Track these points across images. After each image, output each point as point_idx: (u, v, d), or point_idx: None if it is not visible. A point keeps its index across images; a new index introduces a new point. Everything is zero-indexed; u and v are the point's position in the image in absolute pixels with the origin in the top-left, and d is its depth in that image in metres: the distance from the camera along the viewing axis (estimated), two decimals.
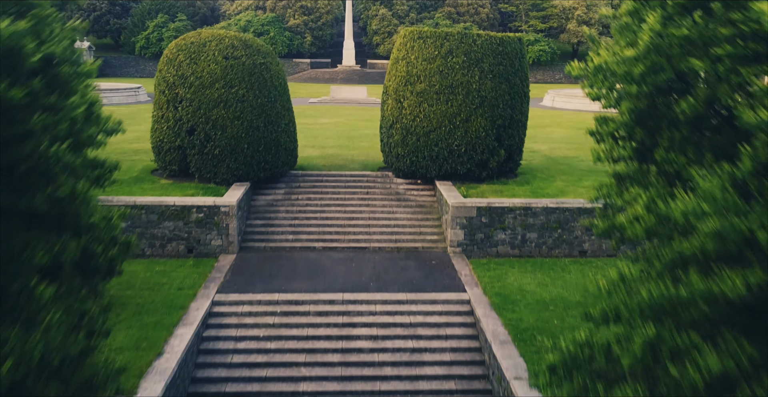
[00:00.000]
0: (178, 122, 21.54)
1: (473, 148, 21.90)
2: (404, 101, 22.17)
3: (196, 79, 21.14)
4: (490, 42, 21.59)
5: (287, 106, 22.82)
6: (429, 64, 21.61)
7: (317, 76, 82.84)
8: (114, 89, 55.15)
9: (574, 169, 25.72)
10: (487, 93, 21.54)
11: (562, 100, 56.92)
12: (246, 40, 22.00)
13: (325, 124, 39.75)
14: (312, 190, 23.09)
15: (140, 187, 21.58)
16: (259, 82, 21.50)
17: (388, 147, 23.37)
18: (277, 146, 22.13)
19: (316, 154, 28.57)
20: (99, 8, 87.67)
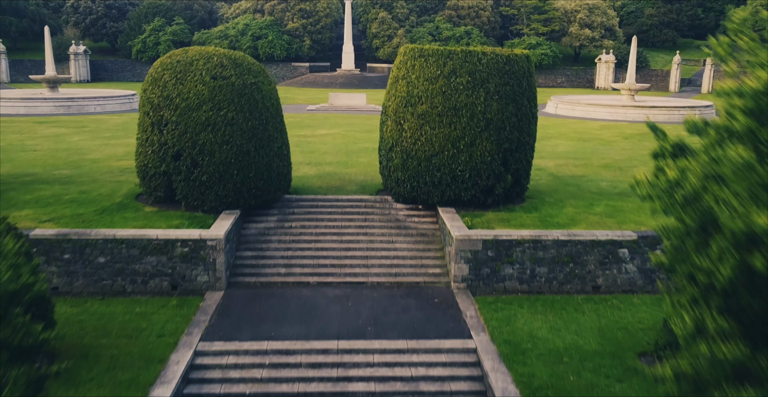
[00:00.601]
0: (163, 146, 20.05)
1: (478, 174, 20.42)
2: (404, 123, 20.69)
3: (182, 101, 19.65)
4: (496, 61, 20.10)
5: (280, 127, 21.34)
6: (431, 84, 20.13)
7: (316, 81, 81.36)
8: (107, 97, 53.65)
9: (584, 192, 24.23)
10: (493, 115, 20.06)
11: (566, 107, 55.45)
12: (236, 59, 20.51)
13: (323, 136, 38.28)
14: (307, 217, 21.61)
15: (122, 216, 20.10)
16: (249, 104, 20.01)
17: (387, 171, 21.89)
18: (269, 171, 20.65)
19: (312, 173, 27.11)
20: (95, 11, 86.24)
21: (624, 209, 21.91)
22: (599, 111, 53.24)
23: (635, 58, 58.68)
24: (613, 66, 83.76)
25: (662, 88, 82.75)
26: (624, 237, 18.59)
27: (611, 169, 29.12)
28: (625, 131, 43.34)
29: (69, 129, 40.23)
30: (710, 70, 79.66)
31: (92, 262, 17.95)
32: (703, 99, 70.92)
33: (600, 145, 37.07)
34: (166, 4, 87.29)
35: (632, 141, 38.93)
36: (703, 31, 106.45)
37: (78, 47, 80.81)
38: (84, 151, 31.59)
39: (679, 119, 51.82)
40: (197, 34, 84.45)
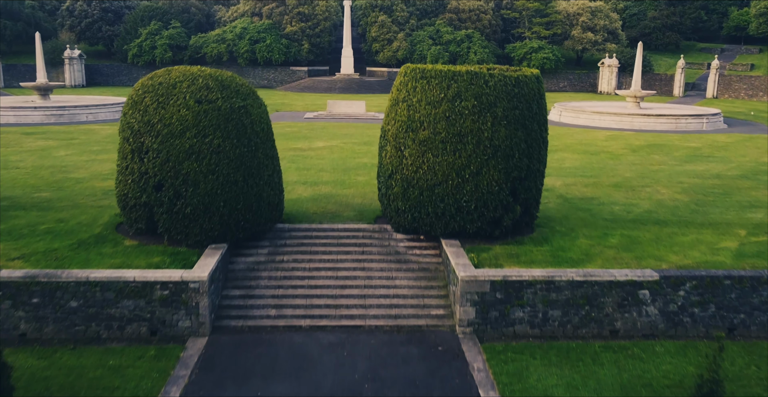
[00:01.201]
0: (144, 176, 18.41)
1: (485, 205, 18.77)
2: (405, 150, 19.03)
3: (164, 127, 18.00)
4: (505, 83, 18.44)
5: (271, 153, 19.67)
6: (434, 108, 18.47)
7: (315, 85, 79.70)
8: (100, 105, 51.98)
9: (596, 218, 22.58)
10: (501, 142, 18.40)
11: (570, 115, 53.79)
12: (223, 80, 18.85)
13: (320, 149, 36.63)
14: (300, 249, 19.96)
15: (99, 251, 18.44)
16: (237, 130, 18.36)
17: (386, 199, 20.24)
18: (258, 202, 19.00)
19: (307, 195, 25.47)
20: (91, 15, 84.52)
21: (641, 239, 20.26)
22: (605, 119, 51.58)
23: (641, 64, 57.02)
24: (616, 70, 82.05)
25: (666, 93, 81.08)
26: (644, 277, 16.95)
27: (623, 189, 27.47)
28: (632, 143, 41.68)
29: (57, 141, 38.58)
30: (715, 74, 77.96)
31: (63, 306, 16.31)
32: (708, 104, 69.28)
33: (608, 159, 35.42)
34: (163, 8, 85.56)
35: (641, 154, 37.28)
36: (706, 33, 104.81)
37: (73, 51, 79.11)
38: (69, 169, 29.94)
39: (686, 128, 50.23)
40: (194, 38, 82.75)
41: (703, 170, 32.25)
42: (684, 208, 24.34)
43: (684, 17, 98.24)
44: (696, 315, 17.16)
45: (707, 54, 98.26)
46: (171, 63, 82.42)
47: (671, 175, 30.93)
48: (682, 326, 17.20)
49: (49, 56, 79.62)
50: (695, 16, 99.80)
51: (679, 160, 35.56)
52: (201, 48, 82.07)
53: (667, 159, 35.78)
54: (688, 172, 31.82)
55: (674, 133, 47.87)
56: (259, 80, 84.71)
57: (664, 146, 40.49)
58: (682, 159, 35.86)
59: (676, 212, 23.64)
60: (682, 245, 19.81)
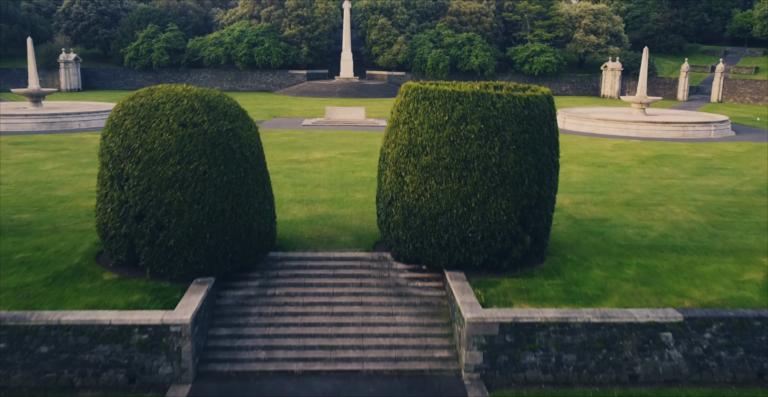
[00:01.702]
0: (124, 205, 16.95)
1: (492, 236, 17.31)
2: (406, 176, 17.57)
3: (146, 153, 16.54)
4: (514, 104, 16.96)
5: (262, 179, 18.19)
6: (437, 132, 17.00)
7: (314, 89, 78.25)
8: (92, 112, 50.49)
9: (610, 244, 21.11)
10: (510, 168, 16.94)
11: (574, 121, 52.33)
12: (209, 101, 17.37)
13: (318, 161, 35.17)
14: (293, 281, 18.50)
15: (75, 287, 16.97)
16: (224, 155, 16.89)
17: (386, 226, 18.78)
18: (248, 232, 17.54)
19: (302, 216, 24.02)
20: (87, 17, 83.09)
21: (659, 270, 18.79)
22: (610, 127, 50.12)
23: (647, 69, 55.51)
24: (619, 74, 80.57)
25: (670, 97, 79.60)
26: (667, 318, 15.48)
27: (634, 208, 26.01)
28: (640, 153, 40.21)
29: (45, 153, 37.13)
30: (720, 78, 76.47)
31: (33, 352, 14.86)
32: (713, 109, 67.80)
33: (616, 172, 33.95)
34: (160, 10, 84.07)
35: (650, 166, 35.81)
36: (709, 36, 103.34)
37: (68, 55, 77.63)
38: (54, 185, 28.47)
39: (693, 136, 48.77)
40: (191, 41, 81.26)
41: (716, 185, 30.78)
42: (701, 231, 22.87)
43: (687, 19, 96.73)
44: (723, 359, 15.71)
45: (711, 56, 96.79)
46: (168, 67, 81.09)
47: (684, 191, 29.45)
48: (707, 371, 15.75)
49: (45, 60, 78.28)
50: (698, 18, 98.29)
51: (690, 173, 34.09)
52: (198, 51, 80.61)
53: (678, 172, 34.31)
54: (701, 187, 30.35)
55: (682, 141, 46.40)
56: (257, 84, 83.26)
57: (673, 157, 39.02)
58: (693, 172, 34.39)
59: (694, 236, 22.18)
60: (704, 278, 18.34)
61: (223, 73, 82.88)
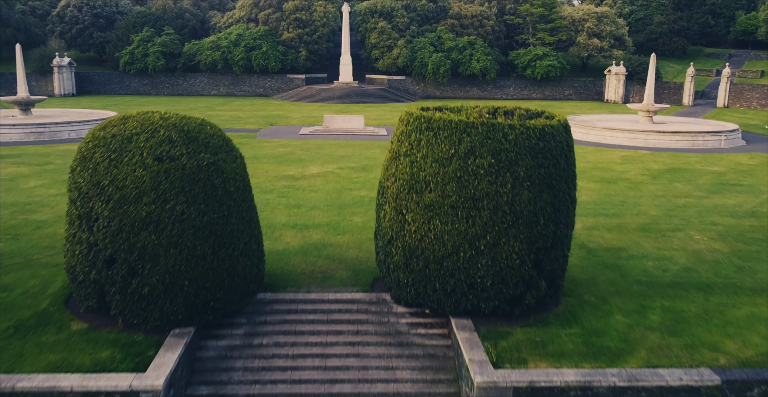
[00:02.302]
0: (93, 248, 15.11)
1: (503, 281, 15.47)
2: (407, 214, 15.72)
3: (116, 191, 14.69)
4: (528, 136, 15.09)
5: (248, 215, 16.33)
6: (442, 167, 15.14)
7: (312, 94, 76.37)
8: (83, 121, 48.60)
9: (629, 281, 19.27)
10: (523, 207, 15.09)
11: (580, 130, 50.41)
12: (189, 131, 15.50)
13: (314, 177, 33.31)
14: (282, 328, 16.66)
15: (38, 340, 15.12)
16: (205, 193, 15.04)
17: (385, 267, 16.94)
18: (232, 277, 15.70)
19: (296, 245, 22.20)
20: (82, 21, 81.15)
21: (686, 315, 16.94)
22: (617, 136, 48.25)
23: (654, 76, 53.60)
24: (623, 78, 78.68)
25: (675, 102, 77.70)
26: (703, 381, 13.64)
27: (651, 234, 24.16)
28: (650, 166, 38.34)
29: (30, 167, 35.27)
30: (726, 83, 74.57)
31: None
32: (720, 115, 65.92)
33: (628, 189, 32.09)
34: (156, 13, 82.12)
35: (662, 182, 33.95)
36: (714, 39, 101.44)
37: (62, 59, 75.73)
38: (33, 208, 26.62)
39: (703, 146, 46.93)
40: (188, 45, 79.33)
41: (734, 206, 28.91)
42: (726, 263, 21.02)
43: (691, 22, 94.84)
44: None
45: (715, 60, 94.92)
46: (164, 71, 79.24)
47: (701, 212, 27.59)
48: None
49: (38, 64, 76.44)
50: (703, 21, 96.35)
51: (705, 190, 32.23)
52: (195, 55, 78.70)
53: (692, 189, 32.45)
54: (719, 207, 28.48)
55: (692, 152, 44.54)
56: (255, 88, 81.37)
57: (685, 171, 37.16)
58: (708, 189, 32.52)
59: (719, 271, 20.33)
60: (737, 325, 16.50)
61: (220, 77, 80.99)
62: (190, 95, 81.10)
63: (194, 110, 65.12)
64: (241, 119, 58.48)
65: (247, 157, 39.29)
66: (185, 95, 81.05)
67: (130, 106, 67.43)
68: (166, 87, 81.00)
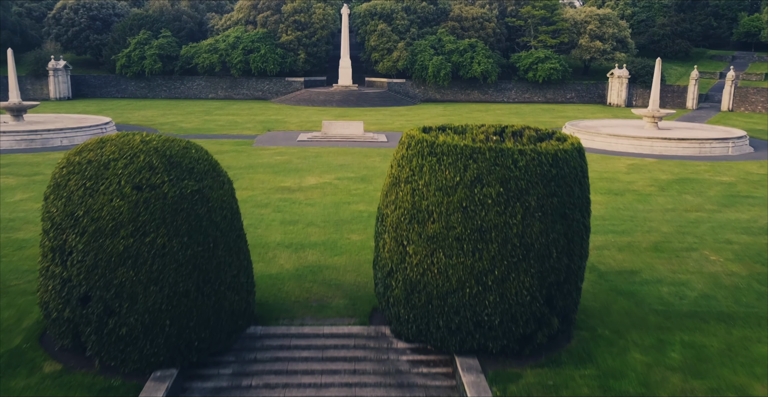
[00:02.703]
0: (67, 284, 13.85)
1: (513, 319, 14.21)
2: (408, 246, 14.46)
3: (92, 222, 13.43)
4: (539, 163, 13.82)
5: (237, 246, 15.07)
6: (446, 195, 13.86)
7: (311, 98, 75.06)
8: (76, 127, 47.31)
9: (644, 310, 18.00)
10: (535, 239, 13.82)
11: (584, 137, 49.03)
12: (172, 155, 14.23)
13: (311, 189, 32.04)
14: (273, 367, 15.38)
15: (7, 384, 13.84)
16: (188, 224, 13.78)
17: (384, 300, 15.69)
18: (218, 314, 14.44)
19: (290, 268, 20.98)
20: (78, 23, 79.85)
21: (709, 353, 15.68)
22: (622, 143, 46.95)
23: (659, 81, 52.31)
24: (626, 81, 77.35)
25: (678, 105, 76.37)
26: None
27: (664, 254, 22.90)
28: (658, 176, 37.07)
29: (18, 178, 34.01)
30: (731, 86, 73.26)
31: None
32: (724, 119, 64.65)
33: (636, 201, 30.83)
34: (153, 16, 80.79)
35: (671, 194, 32.69)
36: (716, 41, 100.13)
37: (58, 62, 74.39)
38: (16, 225, 25.37)
39: (710, 153, 45.64)
40: (185, 48, 78.02)
41: (748, 221, 27.64)
42: (746, 289, 19.76)
43: (694, 24, 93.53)
44: None
45: (718, 62, 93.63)
46: (161, 74, 77.98)
47: (715, 229, 26.32)
48: None
49: (33, 67, 75.16)
50: (706, 23, 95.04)
51: (716, 203, 30.96)
52: (192, 58, 77.39)
53: (703, 201, 31.18)
54: (732, 223, 27.21)
55: (699, 160, 43.26)
56: (253, 92, 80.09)
57: (695, 182, 35.88)
58: (719, 201, 31.25)
59: (739, 298, 19.06)
60: (763, 363, 15.22)
61: (217, 80, 79.68)
62: (188, 98, 79.79)
63: (191, 115, 63.86)
64: (239, 124, 57.20)
65: (243, 166, 38.07)
66: (183, 98, 79.74)
67: (126, 110, 66.20)
68: (163, 90, 79.67)
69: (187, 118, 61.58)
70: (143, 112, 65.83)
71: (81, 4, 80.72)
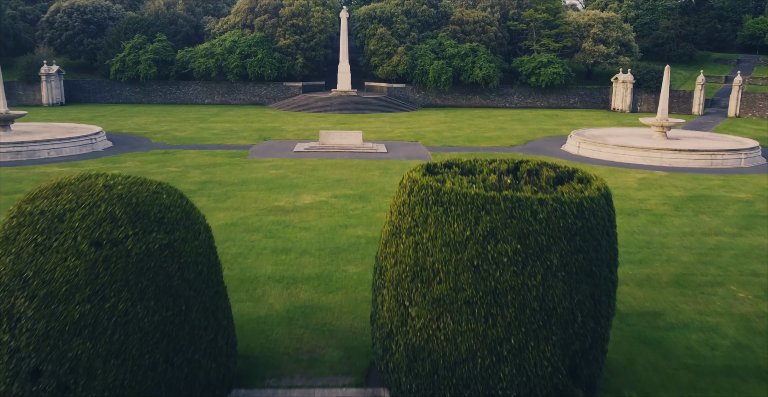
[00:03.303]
0: (15, 355, 11.86)
1: (531, 393, 12.24)
2: (411, 307, 12.48)
3: (43, 284, 11.45)
4: (563, 214, 11.83)
5: (214, 304, 13.08)
6: (455, 252, 11.88)
7: (309, 103, 73.13)
8: (64, 138, 45.32)
9: (673, 365, 16.05)
10: (557, 303, 11.85)
11: (590, 148, 47.20)
12: (138, 203, 12.23)
13: (306, 209, 30.08)
14: None
15: None
16: (156, 285, 11.80)
17: (383, 364, 13.72)
18: (191, 386, 12.46)
19: (280, 308, 19.04)
20: (72, 27, 77.91)
21: None
22: (630, 154, 45.01)
23: (668, 88, 50.31)
24: (631, 86, 75.34)
25: (684, 111, 74.41)
26: None
27: (688, 290, 20.94)
28: (671, 192, 35.12)
29: None
30: (738, 92, 71.27)
31: None
32: (732, 125, 62.71)
33: (651, 223, 28.88)
34: (148, 19, 78.76)
35: (686, 214, 30.74)
36: (721, 44, 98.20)
37: (50, 68, 72.41)
38: None
39: (722, 165, 43.71)
40: (181, 52, 76.01)
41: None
42: None
43: (699, 27, 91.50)
44: None
45: (723, 65, 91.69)
46: (156, 79, 76.02)
47: (738, 257, 24.36)
48: None
49: (26, 72, 73.20)
50: (710, 26, 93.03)
51: (735, 224, 28.99)
52: (188, 63, 75.42)
53: (721, 223, 29.21)
54: (756, 250, 25.25)
55: (711, 173, 41.31)
56: (250, 97, 78.13)
57: (710, 199, 33.91)
58: (738, 223, 29.28)
59: None
60: None
61: (214, 85, 77.70)
62: (184, 104, 77.82)
63: (185, 122, 61.92)
64: (234, 133, 55.28)
65: (236, 182, 36.09)
66: (178, 104, 77.78)
67: (119, 118, 64.26)
68: (159, 95, 77.68)
69: (181, 125, 59.63)
70: (137, 119, 63.87)
71: (75, 7, 78.72)
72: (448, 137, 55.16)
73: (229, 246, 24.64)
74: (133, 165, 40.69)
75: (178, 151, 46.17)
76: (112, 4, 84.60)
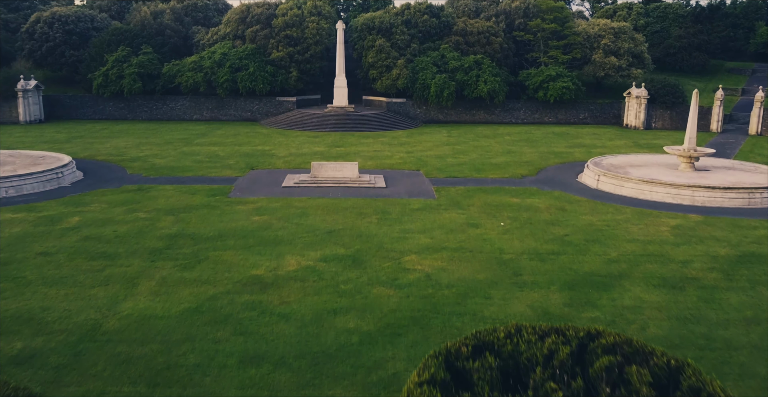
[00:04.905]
0: None
1: None
2: None
3: None
4: None
5: None
6: None
7: (303, 120, 67.54)
8: (25, 175, 39.70)
9: None
10: None
11: (610, 182, 41.65)
12: None
13: (288, 281, 24.57)
14: None
15: None
16: None
17: None
18: None
19: None
20: (53, 38, 72.23)
21: None
22: (657, 191, 39.48)
23: (696, 114, 44.68)
24: (645, 102, 69.70)
25: (702, 128, 68.74)
26: None
27: None
28: (715, 250, 29.59)
29: None
30: (759, 108, 65.67)
31: None
32: (756, 147, 57.17)
33: (703, 303, 23.39)
34: (134, 30, 73.08)
35: (741, 285, 25.27)
36: (735, 53, 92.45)
37: (28, 83, 66.78)
38: None
39: (760, 204, 38.17)
40: (167, 66, 70.36)
41: None
42: None
43: (712, 35, 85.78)
44: None
45: (737, 75, 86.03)
46: (141, 94, 70.40)
47: None
48: None
49: (2, 87, 67.53)
50: (724, 35, 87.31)
51: None
52: (175, 77, 69.81)
53: None
54: None
55: (751, 216, 35.82)
56: (241, 112, 72.53)
57: (762, 260, 28.39)
58: None
59: None
60: None
61: (203, 100, 72.10)
62: (171, 120, 72.23)
63: (169, 145, 56.38)
64: (219, 160, 49.75)
65: (211, 236, 30.51)
66: (165, 120, 72.20)
67: (98, 139, 58.71)
68: (144, 111, 72.09)
69: (163, 149, 54.09)
70: (117, 140, 58.32)
71: (56, 17, 73.05)
72: (453, 164, 49.61)
73: (186, 352, 19.16)
74: (97, 209, 35.11)
75: (153, 187, 40.58)
76: (97, 13, 78.91)
